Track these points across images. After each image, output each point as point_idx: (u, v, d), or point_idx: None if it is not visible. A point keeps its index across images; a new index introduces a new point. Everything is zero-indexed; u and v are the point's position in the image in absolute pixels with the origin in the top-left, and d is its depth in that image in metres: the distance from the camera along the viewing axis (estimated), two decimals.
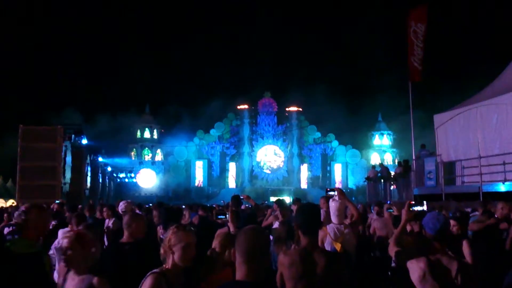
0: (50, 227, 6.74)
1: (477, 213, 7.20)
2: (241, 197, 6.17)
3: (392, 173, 19.26)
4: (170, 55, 55.46)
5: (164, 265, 2.76)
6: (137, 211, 6.79)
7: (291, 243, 4.14)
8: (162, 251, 2.79)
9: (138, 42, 57.62)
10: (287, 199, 27.07)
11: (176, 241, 2.75)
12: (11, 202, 21.25)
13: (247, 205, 9.25)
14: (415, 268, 2.94)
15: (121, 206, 5.72)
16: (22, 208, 3.24)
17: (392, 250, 3.67)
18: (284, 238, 4.15)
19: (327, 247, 4.49)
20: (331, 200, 4.87)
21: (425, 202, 4.01)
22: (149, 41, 60.14)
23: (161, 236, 4.08)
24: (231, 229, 3.81)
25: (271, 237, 5.36)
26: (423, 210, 3.89)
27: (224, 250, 3.34)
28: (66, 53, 54.73)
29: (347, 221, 5.10)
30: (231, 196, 6.11)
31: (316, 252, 3.03)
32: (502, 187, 11.09)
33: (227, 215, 4.05)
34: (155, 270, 2.69)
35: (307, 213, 3.15)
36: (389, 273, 5.14)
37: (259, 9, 56.37)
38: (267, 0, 55.10)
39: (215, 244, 3.49)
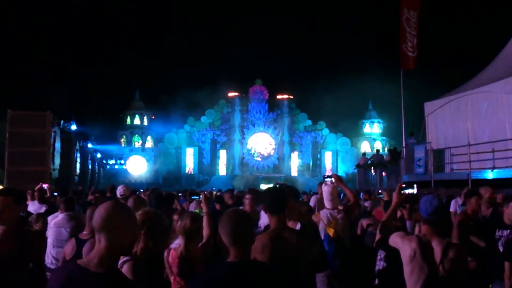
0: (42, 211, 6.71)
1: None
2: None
3: None
4: (160, 41, 54.78)
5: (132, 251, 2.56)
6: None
7: None
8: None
9: (128, 27, 56.83)
10: None
11: (153, 225, 2.65)
12: None
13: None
14: (407, 248, 2.94)
15: (120, 190, 5.70)
16: None
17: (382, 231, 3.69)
18: None
19: (321, 233, 4.51)
20: (323, 184, 4.85)
21: (415, 185, 4.05)
22: (140, 27, 59.34)
23: None
24: (204, 209, 3.87)
25: None
26: (413, 193, 3.94)
27: None
28: (53, 39, 53.75)
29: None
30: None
31: (286, 231, 3.04)
32: (490, 174, 11.24)
33: (201, 196, 4.10)
34: (127, 258, 2.53)
35: (273, 194, 3.17)
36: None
37: None
38: None
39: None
